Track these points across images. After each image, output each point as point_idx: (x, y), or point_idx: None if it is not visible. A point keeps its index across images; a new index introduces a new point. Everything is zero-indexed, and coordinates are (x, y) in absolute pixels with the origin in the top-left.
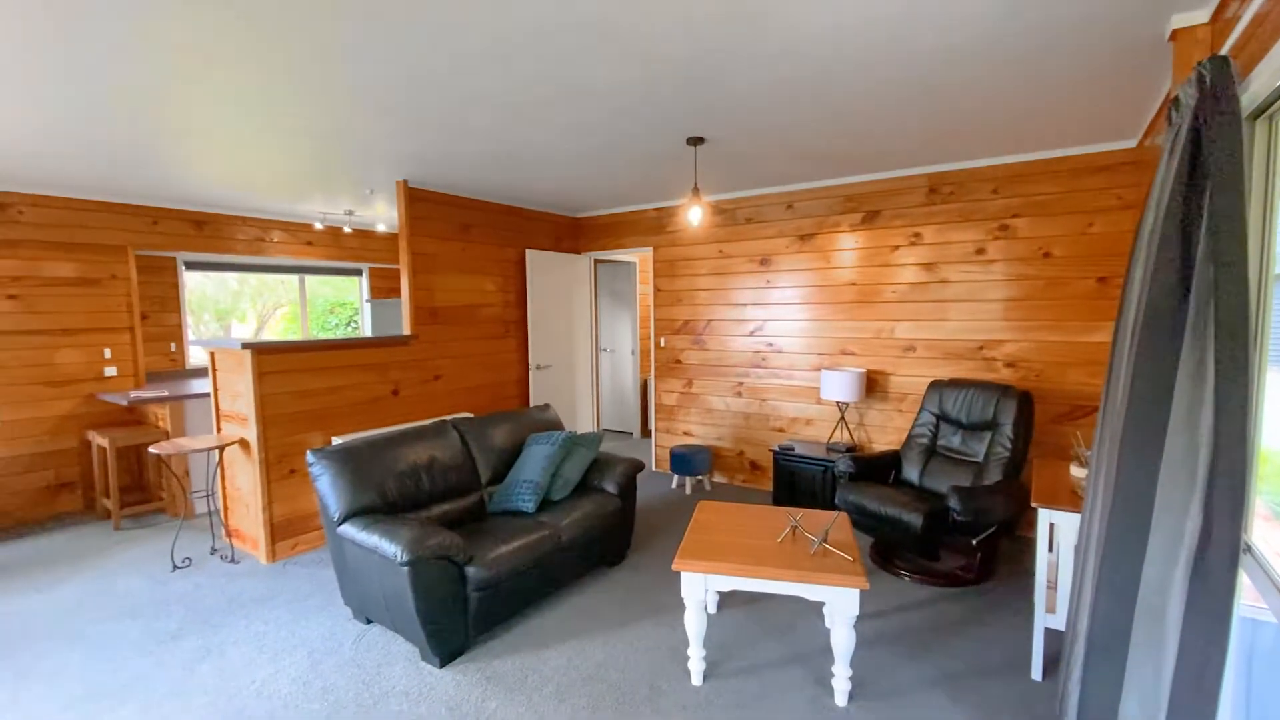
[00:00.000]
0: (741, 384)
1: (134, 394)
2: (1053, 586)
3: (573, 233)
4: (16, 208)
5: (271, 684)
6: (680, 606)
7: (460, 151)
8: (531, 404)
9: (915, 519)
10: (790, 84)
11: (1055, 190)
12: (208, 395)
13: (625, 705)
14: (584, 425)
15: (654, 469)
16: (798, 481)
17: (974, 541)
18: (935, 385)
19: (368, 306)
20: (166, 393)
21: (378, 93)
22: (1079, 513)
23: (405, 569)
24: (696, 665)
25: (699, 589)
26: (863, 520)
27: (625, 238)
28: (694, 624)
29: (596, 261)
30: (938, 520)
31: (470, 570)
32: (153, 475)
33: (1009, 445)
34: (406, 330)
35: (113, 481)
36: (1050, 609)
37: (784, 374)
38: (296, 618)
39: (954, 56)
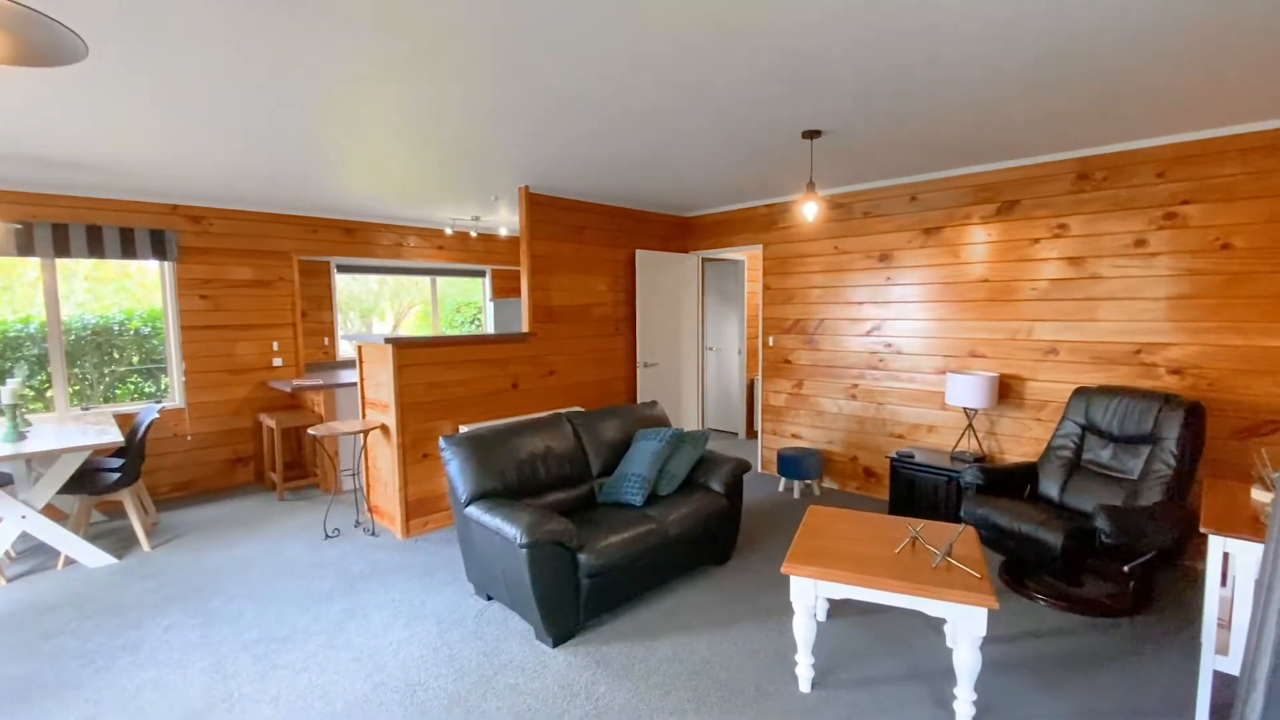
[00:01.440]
0: (856, 386)
1: (296, 382)
2: (1225, 625)
3: (681, 232)
4: (209, 220)
5: (406, 647)
6: (787, 611)
7: (578, 156)
8: (638, 400)
9: (1054, 539)
10: (917, 69)
11: (1238, 172)
12: (355, 384)
13: (731, 704)
14: (689, 423)
15: (760, 470)
16: (917, 491)
17: (1125, 568)
18: (1081, 392)
19: (490, 306)
20: (321, 381)
21: (506, 104)
22: (1262, 542)
23: (524, 551)
24: (805, 672)
25: (809, 595)
26: (992, 536)
27: (734, 236)
28: (803, 630)
29: (704, 260)
30: (1081, 542)
31: (582, 557)
32: (309, 454)
33: (1172, 462)
34: (525, 328)
35: (278, 458)
36: (1221, 650)
37: (904, 377)
38: (427, 589)
39: (1120, 21)
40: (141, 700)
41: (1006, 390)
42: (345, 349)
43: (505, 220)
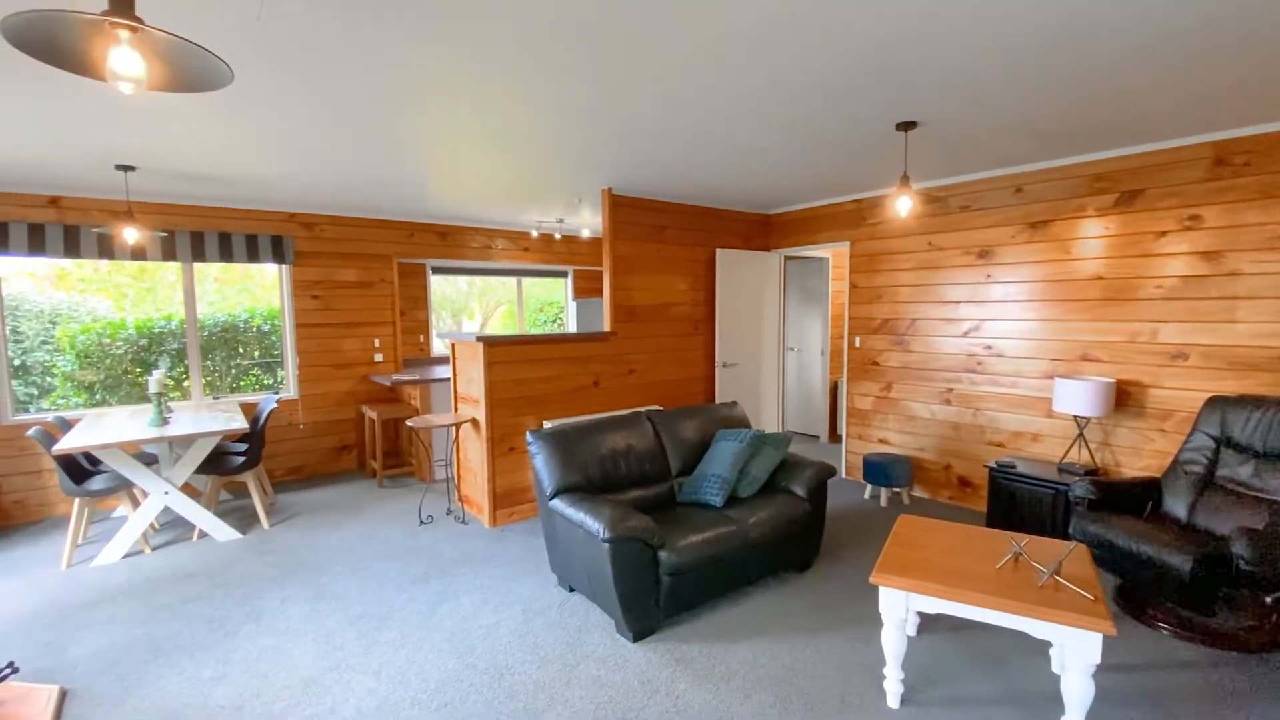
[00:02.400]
0: (951, 390)
1: (395, 377)
2: None
3: (763, 230)
4: (320, 226)
5: (494, 631)
6: (874, 622)
7: (662, 156)
8: (717, 401)
9: (1182, 563)
10: (1026, 51)
11: None
12: (448, 380)
13: (814, 713)
14: (768, 425)
15: (844, 476)
16: (1019, 504)
17: (1268, 600)
18: (1216, 402)
19: (572, 305)
20: (417, 376)
21: (594, 108)
22: None
23: (606, 546)
24: (893, 686)
25: (899, 607)
26: (1106, 557)
27: (819, 233)
28: (892, 643)
29: (786, 258)
30: (1213, 567)
31: (663, 555)
32: (406, 444)
33: None
34: (606, 327)
35: (378, 447)
36: None
37: (1005, 381)
38: (513, 577)
39: None
40: (263, 664)
41: (1124, 397)
42: (438, 346)
43: (588, 222)
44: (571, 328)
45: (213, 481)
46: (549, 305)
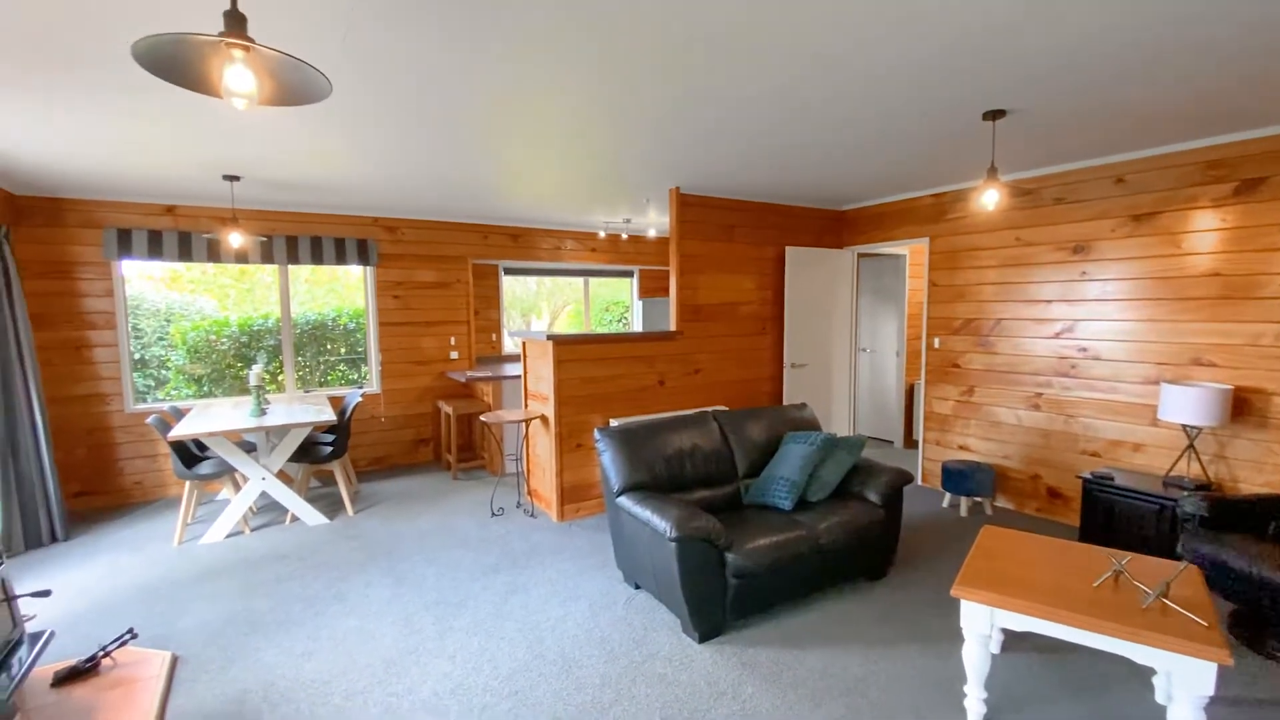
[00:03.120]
0: (1041, 395)
1: (469, 374)
2: None
3: (835, 227)
4: (401, 230)
5: (562, 624)
6: (952, 636)
7: (732, 154)
8: (785, 402)
9: None
10: (1136, 29)
11: None
12: (518, 377)
13: None
14: (839, 428)
15: (920, 483)
16: (1117, 519)
17: None
18: None
19: (638, 305)
20: (490, 374)
21: (666, 107)
22: None
23: (673, 545)
24: (975, 706)
25: (983, 622)
26: (1219, 580)
27: (895, 229)
28: (975, 660)
29: (860, 256)
30: None
31: (730, 556)
32: (479, 438)
33: None
34: (672, 326)
35: (453, 441)
36: None
37: (1102, 386)
38: (580, 572)
39: None
40: (349, 643)
41: (1243, 406)
42: (509, 344)
43: (655, 222)
44: (637, 327)
45: (304, 469)
46: (614, 305)
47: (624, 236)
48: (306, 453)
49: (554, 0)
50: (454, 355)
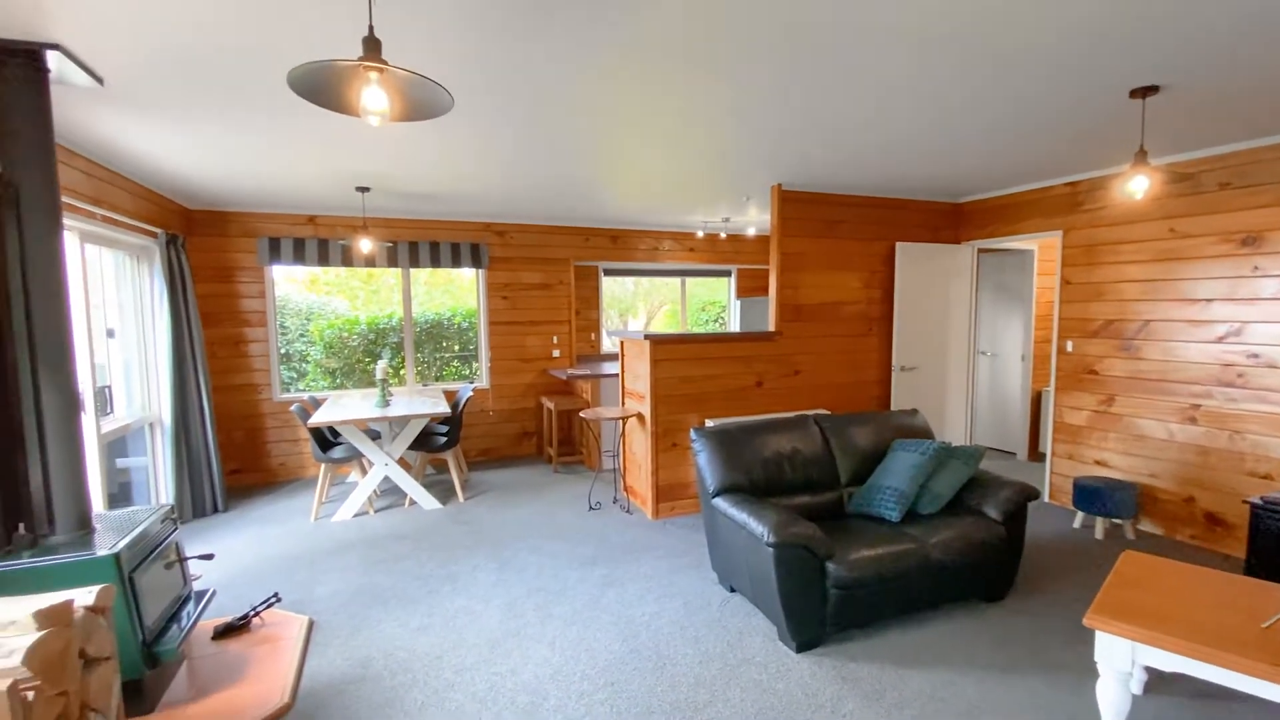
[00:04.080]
0: (1199, 407)
1: (569, 371)
2: None
3: (952, 220)
4: (510, 234)
5: (656, 620)
6: (1082, 669)
7: (839, 147)
8: (892, 407)
9: None
10: None
11: None
12: (616, 375)
13: None
14: (954, 437)
15: (1047, 500)
16: None
17: None
18: None
19: (736, 304)
20: (589, 372)
21: (773, 101)
22: None
23: (770, 550)
24: None
25: (1123, 658)
26: None
27: (1021, 222)
28: (1112, 699)
29: (980, 251)
30: None
31: (830, 566)
32: (578, 434)
33: None
34: (771, 326)
35: (554, 435)
36: None
37: (1276, 399)
38: (674, 570)
39: None
40: (458, 622)
41: None
42: (607, 343)
43: (754, 220)
44: (734, 327)
45: (421, 457)
46: (711, 305)
47: (722, 236)
48: (424, 442)
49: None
50: (556, 353)
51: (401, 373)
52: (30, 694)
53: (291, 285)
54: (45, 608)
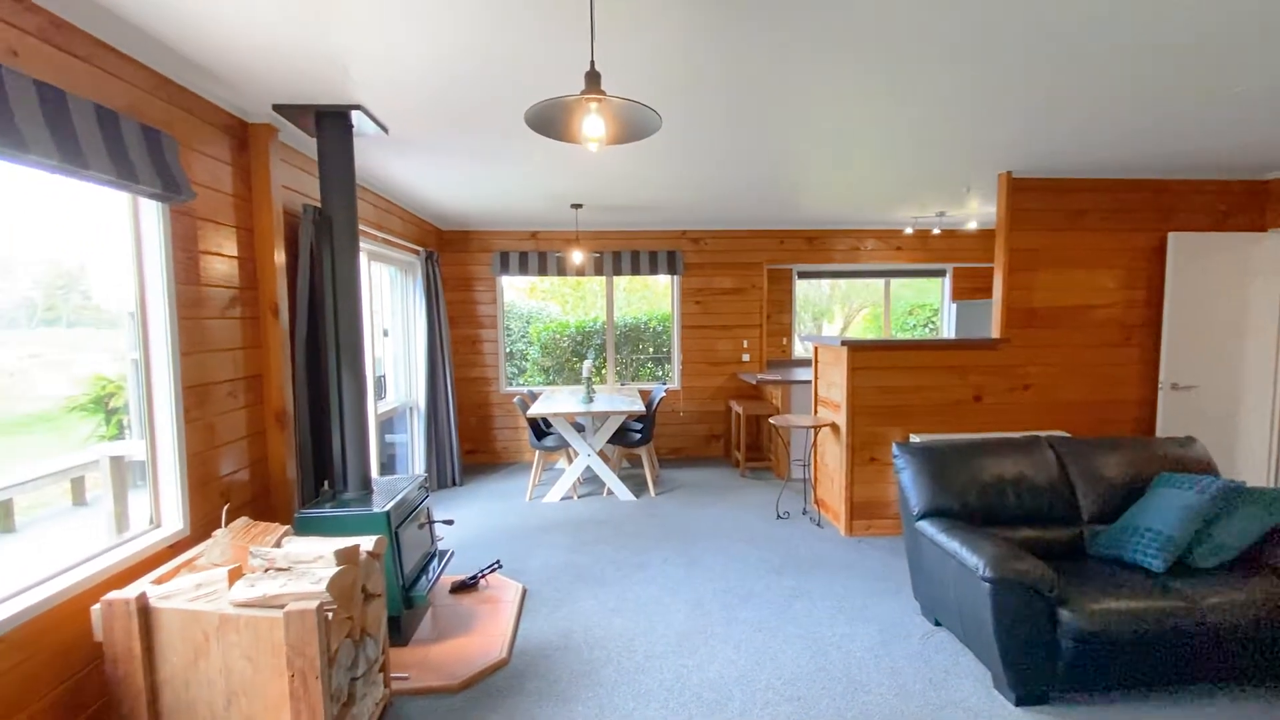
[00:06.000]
0: None
1: (759, 376)
2: None
3: (1249, 202)
4: (704, 240)
5: (848, 642)
6: None
7: (1088, 122)
8: (1158, 433)
9: None
10: None
11: None
12: (808, 382)
13: None
14: (1250, 475)
15: None
16: None
17: None
18: None
19: (951, 308)
20: (779, 377)
21: (999, 82)
22: None
23: (987, 585)
24: None
25: None
26: None
27: None
28: None
29: None
30: None
31: (1064, 614)
32: (766, 440)
33: None
34: (995, 333)
35: (742, 439)
36: None
37: None
38: (870, 594)
39: None
40: (649, 609)
41: None
42: (799, 349)
43: (976, 213)
44: (947, 333)
45: (618, 451)
46: (919, 308)
47: (935, 232)
48: (620, 437)
49: None
50: (745, 358)
51: (603, 372)
52: (330, 614)
53: (515, 293)
54: (342, 548)
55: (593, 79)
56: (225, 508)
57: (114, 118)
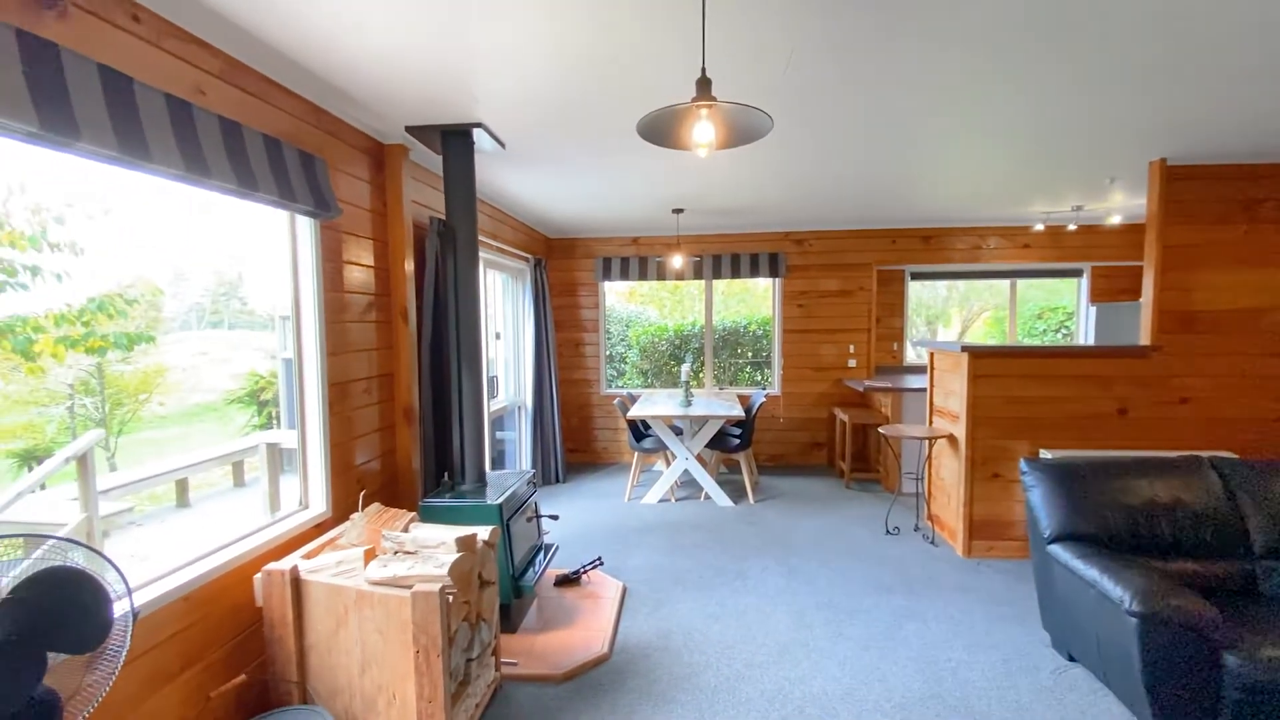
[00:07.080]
0: None
1: (867, 383)
2: None
3: None
4: (808, 242)
5: (965, 670)
6: None
7: (1264, 96)
8: None
9: None
10: None
11: None
12: (922, 390)
13: None
14: None
15: None
16: None
17: None
18: None
19: (1089, 311)
20: (889, 384)
21: (1152, 59)
22: None
23: (1134, 621)
24: None
25: None
26: None
27: None
28: None
29: None
30: None
31: (1230, 659)
32: (873, 450)
33: None
34: (1144, 340)
35: (847, 449)
36: None
37: None
38: (991, 620)
39: None
40: (748, 618)
41: None
42: (911, 354)
43: (1120, 206)
44: (1083, 339)
45: (716, 456)
46: (1050, 311)
47: (1070, 228)
48: (719, 442)
49: None
50: (852, 363)
51: (701, 376)
52: (450, 596)
53: (615, 297)
54: (462, 536)
55: (703, 85)
56: (362, 493)
57: (278, 145)
